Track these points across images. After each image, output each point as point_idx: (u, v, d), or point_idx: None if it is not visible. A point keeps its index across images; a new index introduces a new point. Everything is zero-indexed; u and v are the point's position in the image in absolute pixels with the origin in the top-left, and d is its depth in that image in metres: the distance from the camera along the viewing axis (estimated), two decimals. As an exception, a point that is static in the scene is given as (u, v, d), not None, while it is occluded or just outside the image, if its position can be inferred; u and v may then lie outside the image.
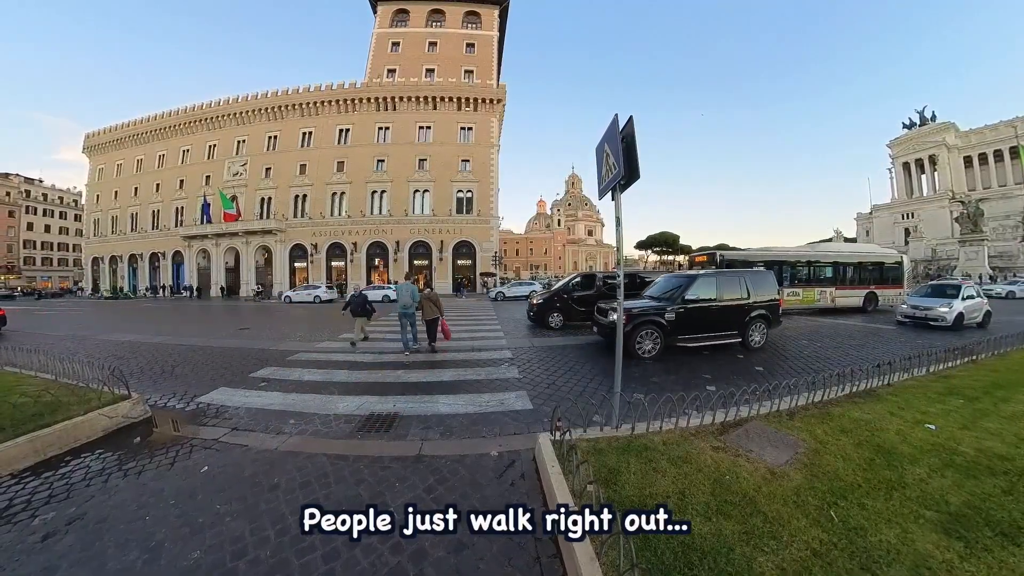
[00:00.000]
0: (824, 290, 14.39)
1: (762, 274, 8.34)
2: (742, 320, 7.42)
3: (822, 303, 14.28)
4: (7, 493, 2.83)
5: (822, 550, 1.89)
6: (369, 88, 34.12)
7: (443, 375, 5.87)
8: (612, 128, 3.43)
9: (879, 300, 14.85)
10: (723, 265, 12.92)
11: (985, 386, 4.33)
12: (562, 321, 10.76)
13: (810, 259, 14.75)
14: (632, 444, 3.01)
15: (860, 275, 15.04)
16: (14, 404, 3.65)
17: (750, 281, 7.79)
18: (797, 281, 14.20)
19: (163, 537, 2.30)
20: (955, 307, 10.03)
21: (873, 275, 15.19)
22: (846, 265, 14.96)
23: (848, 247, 16.28)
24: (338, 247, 33.36)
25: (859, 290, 14.80)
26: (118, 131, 40.49)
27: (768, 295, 7.85)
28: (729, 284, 7.68)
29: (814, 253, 15.35)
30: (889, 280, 15.31)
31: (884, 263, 15.47)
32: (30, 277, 56.20)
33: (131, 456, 3.40)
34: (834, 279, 14.73)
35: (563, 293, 11.22)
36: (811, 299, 14.18)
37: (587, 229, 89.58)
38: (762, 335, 7.63)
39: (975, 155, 44.81)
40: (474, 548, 2.16)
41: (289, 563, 2.07)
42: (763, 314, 7.63)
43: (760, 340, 7.59)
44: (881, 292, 15.00)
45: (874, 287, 14.97)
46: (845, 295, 14.59)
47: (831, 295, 14.36)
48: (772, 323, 7.85)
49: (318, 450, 3.43)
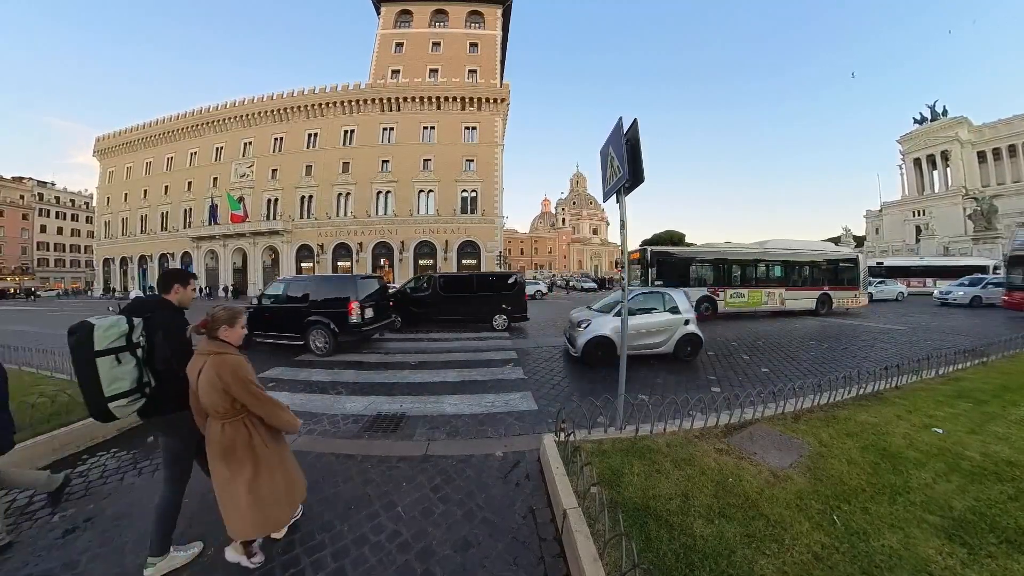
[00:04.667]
0: (772, 291, 13.57)
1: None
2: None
3: (770, 305, 13.50)
4: (27, 490, 2.93)
5: (824, 554, 1.91)
6: (373, 89, 34.29)
7: (448, 375, 5.93)
8: (616, 131, 3.45)
9: (833, 302, 14.09)
10: (653, 263, 12.50)
11: (995, 389, 4.29)
12: (400, 324, 10.77)
13: (757, 257, 13.83)
14: (636, 446, 3.03)
15: (812, 275, 14.20)
16: (32, 404, 3.75)
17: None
18: (742, 282, 13.45)
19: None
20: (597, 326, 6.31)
21: (827, 275, 14.34)
22: (796, 264, 14.09)
23: (800, 244, 14.95)
24: (344, 247, 33.61)
25: (811, 291, 13.98)
26: (127, 135, 41.14)
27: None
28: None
29: (761, 251, 14.25)
30: (844, 281, 14.50)
31: (839, 262, 14.63)
32: (43, 278, 57.30)
33: (145, 455, 3.49)
34: (784, 279, 13.91)
35: (399, 295, 11.39)
36: (757, 301, 13.37)
37: (592, 228, 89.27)
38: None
39: (989, 151, 43.94)
40: (480, 547, 2.20)
41: (299, 560, 2.12)
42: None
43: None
44: (836, 294, 14.20)
45: (828, 288, 14.15)
46: (795, 297, 13.79)
47: (780, 297, 13.60)
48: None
49: (326, 449, 3.49)
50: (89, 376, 1.93)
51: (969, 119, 45.75)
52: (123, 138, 41.40)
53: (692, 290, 12.02)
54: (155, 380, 2.12)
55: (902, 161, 51.85)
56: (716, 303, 12.88)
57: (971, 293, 15.87)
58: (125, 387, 1.99)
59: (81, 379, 1.96)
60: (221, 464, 2.01)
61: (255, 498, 2.01)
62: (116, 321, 2.00)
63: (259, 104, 35.99)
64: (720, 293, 12.98)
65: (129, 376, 2.00)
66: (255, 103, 36.14)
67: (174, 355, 2.12)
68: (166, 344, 2.12)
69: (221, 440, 1.98)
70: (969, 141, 45.21)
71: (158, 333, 2.12)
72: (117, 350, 1.97)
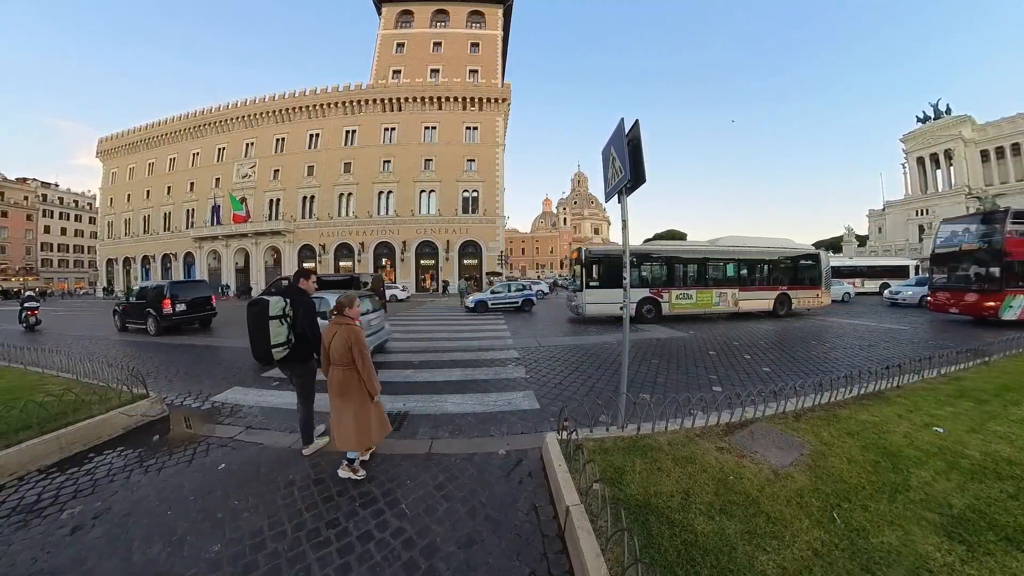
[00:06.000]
0: (724, 292, 12.74)
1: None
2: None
3: (722, 307, 12.70)
4: (36, 488, 2.97)
5: (823, 550, 1.92)
6: (375, 89, 34.38)
7: (451, 375, 5.96)
8: (618, 132, 3.47)
9: (793, 302, 13.39)
10: (588, 262, 11.96)
11: (996, 388, 4.29)
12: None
13: (705, 256, 12.97)
14: (638, 444, 3.05)
15: (770, 274, 13.39)
16: (39, 403, 3.79)
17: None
18: (690, 282, 12.59)
19: (184, 531, 2.40)
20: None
21: (786, 274, 13.58)
22: (751, 262, 13.28)
23: (756, 242, 14.04)
24: (346, 247, 33.71)
25: (768, 291, 13.17)
26: (130, 136, 41.33)
27: None
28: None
29: (711, 249, 13.46)
30: (806, 280, 13.82)
31: (799, 260, 13.88)
32: (47, 278, 57.59)
33: (151, 453, 3.52)
34: (737, 279, 13.08)
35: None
36: (707, 303, 12.56)
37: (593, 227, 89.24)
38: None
39: (992, 149, 43.71)
40: (483, 544, 2.22)
41: (306, 556, 2.15)
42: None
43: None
44: (796, 293, 13.46)
45: (787, 288, 13.39)
46: (751, 297, 12.95)
47: (733, 297, 12.78)
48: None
49: (331, 448, 3.52)
50: (263, 331, 3.12)
51: (973, 117, 45.51)
52: (126, 139, 41.60)
53: (632, 291, 11.23)
54: (295, 339, 3.26)
55: (905, 160, 51.66)
56: (660, 305, 12.16)
57: (920, 293, 15.57)
58: (281, 339, 3.17)
59: (257, 334, 3.14)
60: (338, 398, 2.93)
61: (357, 424, 2.88)
62: (279, 299, 3.23)
63: (261, 105, 36.10)
64: (664, 294, 12.25)
65: (284, 334, 3.19)
66: (257, 104, 36.27)
67: (308, 325, 3.29)
68: (304, 317, 3.28)
69: (340, 381, 2.90)
70: (972, 140, 45.00)
71: (299, 309, 3.28)
72: (280, 317, 3.18)
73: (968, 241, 11.26)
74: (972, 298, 10.64)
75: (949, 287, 11.46)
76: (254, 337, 3.17)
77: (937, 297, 11.77)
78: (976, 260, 10.92)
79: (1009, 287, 10.05)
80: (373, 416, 2.94)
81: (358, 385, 2.89)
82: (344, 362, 2.87)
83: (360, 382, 2.89)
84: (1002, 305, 9.99)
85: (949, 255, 11.72)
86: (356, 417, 2.87)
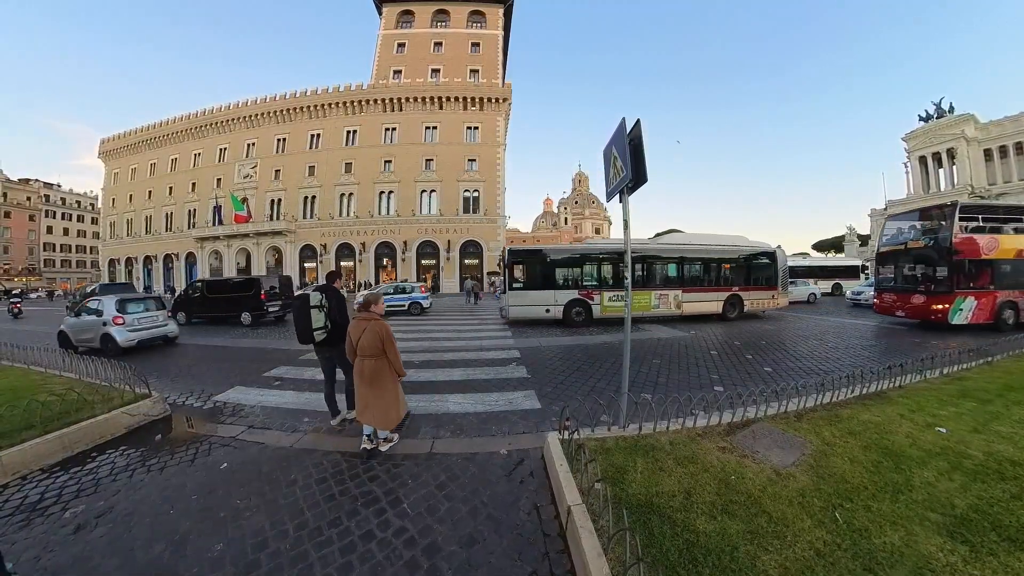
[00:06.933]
0: (665, 293, 11.67)
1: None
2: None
3: (663, 310, 11.65)
4: (39, 487, 2.99)
5: (825, 550, 1.92)
6: (376, 89, 34.38)
7: (452, 374, 5.96)
8: (619, 131, 3.46)
9: (746, 304, 12.38)
10: (511, 262, 11.49)
11: (999, 388, 4.27)
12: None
13: (645, 254, 11.88)
14: (639, 444, 3.05)
15: (719, 274, 12.39)
16: (42, 402, 3.81)
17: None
18: (625, 282, 12.06)
19: (187, 530, 2.41)
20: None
21: (737, 274, 12.57)
22: (696, 261, 12.25)
23: (703, 238, 12.98)
24: (347, 247, 33.74)
25: (716, 292, 12.16)
26: (132, 136, 41.43)
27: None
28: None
29: (651, 247, 12.48)
30: (760, 280, 12.79)
31: (752, 258, 12.82)
32: (50, 279, 57.78)
33: (153, 453, 3.54)
34: (680, 279, 12.04)
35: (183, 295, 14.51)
36: (645, 305, 11.47)
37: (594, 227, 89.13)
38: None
39: (995, 148, 43.52)
40: (485, 543, 2.22)
41: (308, 555, 2.16)
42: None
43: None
44: (749, 295, 12.41)
45: (738, 289, 12.36)
46: (696, 299, 11.91)
47: (675, 300, 11.71)
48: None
49: (333, 447, 3.53)
50: (307, 317, 3.92)
51: (975, 116, 45.31)
52: (127, 140, 41.70)
53: (560, 292, 11.27)
54: (331, 326, 4.04)
55: (907, 159, 51.49)
56: (591, 307, 11.33)
57: None
58: (320, 325, 3.96)
59: (302, 320, 3.93)
60: (368, 387, 3.30)
61: (386, 406, 3.31)
62: (318, 294, 4.06)
63: (262, 105, 36.15)
64: (596, 296, 11.34)
65: (321, 320, 3.98)
66: (258, 104, 36.31)
67: (339, 315, 4.11)
68: (336, 307, 4.10)
69: (372, 369, 3.30)
70: (975, 138, 44.81)
71: (333, 301, 4.10)
72: (318, 307, 3.99)
73: (914, 238, 10.37)
74: (919, 300, 9.82)
75: (896, 288, 10.61)
76: (299, 322, 3.95)
77: (883, 299, 10.91)
78: (923, 259, 10.06)
79: (959, 288, 9.21)
80: (399, 397, 3.43)
81: (388, 372, 3.33)
82: (375, 352, 3.28)
83: (390, 369, 3.33)
84: (951, 308, 9.19)
85: (895, 253, 10.85)
86: (385, 400, 3.29)
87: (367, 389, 3.28)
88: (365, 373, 3.28)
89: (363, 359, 3.30)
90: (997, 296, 9.47)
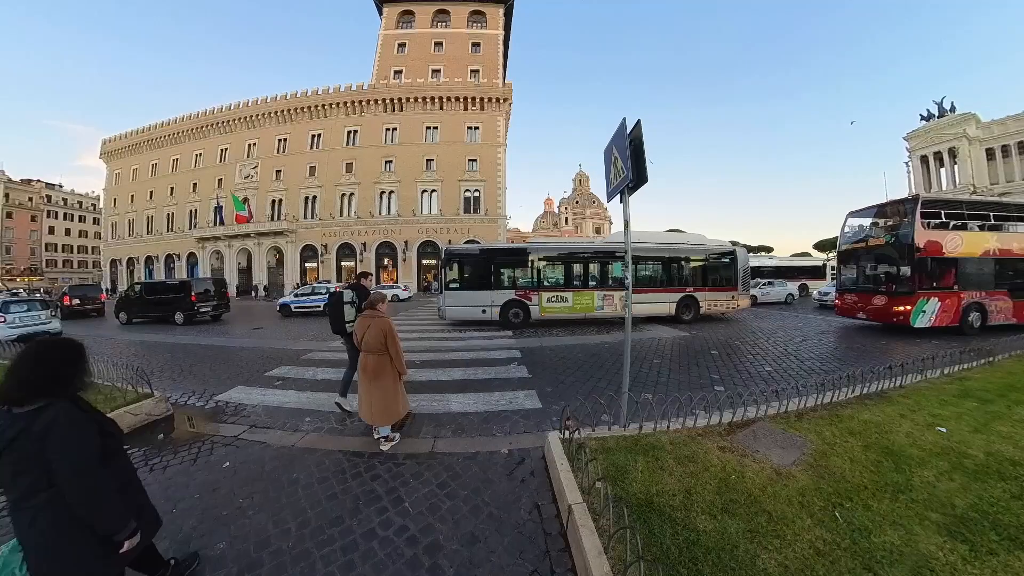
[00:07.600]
0: (610, 294, 11.01)
1: None
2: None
3: (608, 311, 11.02)
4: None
5: (825, 549, 1.93)
6: (376, 90, 34.43)
7: (453, 374, 5.97)
8: (620, 131, 3.47)
9: (702, 306, 11.78)
10: (446, 262, 11.35)
11: (1000, 388, 4.27)
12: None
13: (587, 252, 11.49)
14: (640, 443, 3.06)
15: (671, 273, 11.83)
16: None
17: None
18: (566, 282, 11.20)
19: (190, 529, 2.42)
20: None
21: (693, 274, 12.04)
22: (646, 260, 11.72)
23: (655, 236, 12.46)
24: (348, 247, 33.80)
25: (668, 293, 11.54)
26: (133, 137, 41.55)
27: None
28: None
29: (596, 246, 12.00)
30: (718, 280, 12.29)
31: (709, 258, 12.35)
32: (52, 279, 57.97)
33: (156, 452, 3.55)
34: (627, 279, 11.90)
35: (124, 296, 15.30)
36: (588, 306, 10.95)
37: (595, 227, 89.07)
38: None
39: (998, 147, 43.37)
40: (486, 542, 2.24)
41: (310, 554, 2.17)
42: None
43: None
44: (705, 295, 11.85)
45: (692, 289, 11.77)
46: (645, 300, 11.18)
47: (622, 300, 10.68)
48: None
49: (334, 447, 3.54)
50: (340, 311, 4.47)
51: (978, 115, 45.16)
52: (129, 140, 41.81)
53: (496, 292, 10.98)
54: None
55: (909, 159, 51.35)
56: (529, 308, 10.96)
57: None
58: (352, 317, 4.39)
59: (336, 313, 4.50)
60: (370, 381, 3.40)
61: (386, 402, 3.40)
62: (350, 291, 4.56)
63: (263, 105, 36.22)
64: (534, 296, 10.98)
65: (353, 315, 4.41)
66: (259, 104, 36.38)
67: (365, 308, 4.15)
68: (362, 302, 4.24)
69: (375, 365, 3.41)
70: (977, 138, 44.67)
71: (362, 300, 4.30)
72: (350, 302, 4.50)
73: (875, 235, 9.90)
74: (881, 301, 9.29)
75: (856, 289, 10.10)
76: (333, 316, 4.52)
77: (845, 300, 10.39)
78: (884, 258, 9.57)
79: (922, 289, 8.68)
80: (399, 394, 3.50)
81: (390, 368, 3.43)
82: (378, 349, 3.40)
83: (392, 366, 3.43)
84: (913, 310, 8.66)
85: (856, 252, 10.32)
86: (385, 396, 3.39)
87: (369, 384, 3.38)
88: (368, 368, 3.39)
89: (367, 355, 3.42)
90: (962, 297, 8.96)
